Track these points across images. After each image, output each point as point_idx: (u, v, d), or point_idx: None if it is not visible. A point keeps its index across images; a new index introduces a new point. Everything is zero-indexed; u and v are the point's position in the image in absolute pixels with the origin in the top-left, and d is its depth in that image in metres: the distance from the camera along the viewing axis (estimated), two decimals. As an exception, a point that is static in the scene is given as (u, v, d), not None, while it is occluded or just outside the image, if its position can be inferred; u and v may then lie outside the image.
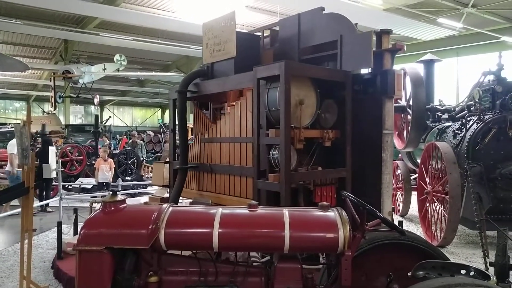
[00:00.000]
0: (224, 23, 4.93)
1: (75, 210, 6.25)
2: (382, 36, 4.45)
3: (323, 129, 4.36)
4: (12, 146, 8.82)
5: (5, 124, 21.57)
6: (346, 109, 4.43)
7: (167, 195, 5.98)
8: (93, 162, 11.83)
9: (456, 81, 21.09)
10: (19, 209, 4.70)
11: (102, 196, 7.30)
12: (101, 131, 16.42)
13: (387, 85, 4.33)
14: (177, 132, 5.34)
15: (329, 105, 4.45)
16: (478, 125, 6.42)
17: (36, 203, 8.41)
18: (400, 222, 3.83)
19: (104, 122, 22.04)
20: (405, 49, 4.43)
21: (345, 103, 4.43)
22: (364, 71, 4.68)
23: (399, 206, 9.14)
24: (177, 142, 5.60)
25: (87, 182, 11.66)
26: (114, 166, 11.03)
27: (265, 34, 5.51)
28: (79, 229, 2.35)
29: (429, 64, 9.01)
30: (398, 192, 9.28)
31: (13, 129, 14.84)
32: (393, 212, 7.94)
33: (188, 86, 5.14)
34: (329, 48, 4.67)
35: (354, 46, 4.35)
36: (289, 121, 3.91)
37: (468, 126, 6.64)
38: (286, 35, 5.12)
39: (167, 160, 6.10)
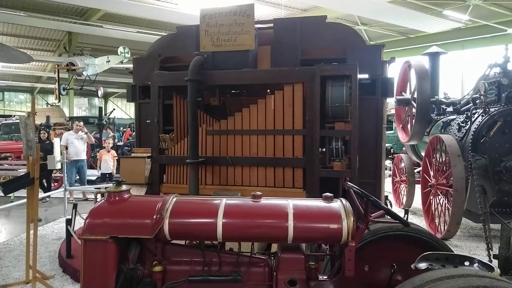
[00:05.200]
0: (238, 14, 4.87)
1: (74, 206, 5.63)
2: (382, 49, 5.24)
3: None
4: (63, 139, 10.22)
5: (10, 116, 21.64)
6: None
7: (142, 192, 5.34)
8: (97, 154, 11.87)
9: (461, 74, 20.94)
10: (25, 200, 4.73)
11: (106, 188, 7.16)
12: (105, 123, 16.46)
13: (387, 89, 5.06)
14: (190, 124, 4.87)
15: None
16: (483, 118, 6.38)
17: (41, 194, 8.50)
18: (406, 211, 3.95)
19: (108, 114, 22.09)
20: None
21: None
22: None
23: (402, 199, 9.12)
24: (162, 134, 5.22)
25: (91, 173, 11.70)
26: (117, 157, 11.04)
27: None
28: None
29: (434, 57, 8.94)
30: (402, 185, 9.26)
31: (17, 121, 14.91)
32: (397, 206, 7.94)
33: (197, 74, 4.78)
34: (332, 53, 5.16)
35: (364, 55, 5.00)
36: (357, 116, 4.45)
37: (473, 119, 6.60)
38: (284, 35, 5.24)
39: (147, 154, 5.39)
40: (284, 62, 5.06)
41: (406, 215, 2.60)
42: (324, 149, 4.65)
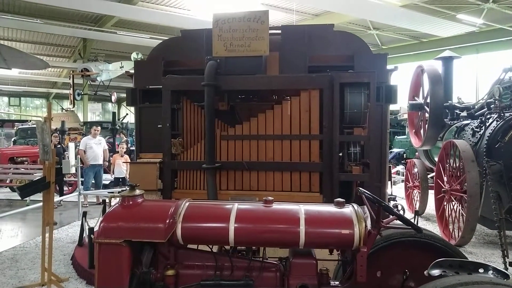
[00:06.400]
0: (252, 19, 4.88)
1: (84, 214, 5.11)
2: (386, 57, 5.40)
3: None
4: (81, 143, 10.35)
5: (26, 121, 22.06)
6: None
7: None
8: (111, 158, 12.01)
9: (475, 78, 20.67)
10: (40, 204, 4.81)
11: (118, 192, 7.18)
12: (118, 128, 16.64)
13: (391, 96, 5.23)
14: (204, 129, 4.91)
15: None
16: (498, 123, 6.29)
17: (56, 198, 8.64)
18: (416, 212, 4.03)
19: (121, 119, 22.34)
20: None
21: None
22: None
23: (416, 204, 9.02)
24: (175, 138, 5.08)
25: (105, 178, 11.83)
26: (129, 161, 11.13)
27: None
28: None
29: (447, 61, 8.84)
30: (415, 191, 9.16)
31: (34, 126, 15.20)
32: (409, 211, 7.80)
33: (214, 79, 4.76)
34: (339, 61, 5.25)
35: (370, 62, 5.10)
36: (375, 121, 4.66)
37: (487, 124, 6.51)
38: (292, 42, 5.30)
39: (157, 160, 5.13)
40: (292, 68, 5.10)
41: (416, 217, 2.58)
42: (341, 154, 4.68)
